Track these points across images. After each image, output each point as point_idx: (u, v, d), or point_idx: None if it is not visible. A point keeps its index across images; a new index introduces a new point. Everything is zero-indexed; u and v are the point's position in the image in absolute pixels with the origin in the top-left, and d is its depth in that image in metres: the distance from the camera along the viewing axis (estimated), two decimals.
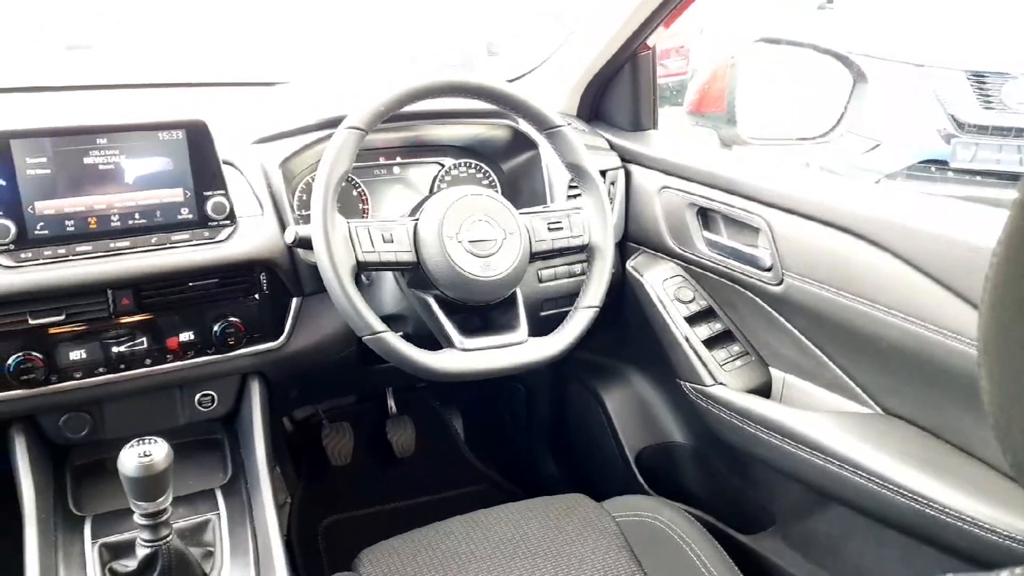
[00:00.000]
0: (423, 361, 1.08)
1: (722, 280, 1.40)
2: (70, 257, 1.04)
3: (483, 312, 1.17)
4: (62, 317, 1.05)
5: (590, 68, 1.58)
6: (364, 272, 1.19)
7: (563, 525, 1.17)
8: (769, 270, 1.27)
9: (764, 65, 1.49)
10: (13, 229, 1.01)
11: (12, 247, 1.02)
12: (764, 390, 1.35)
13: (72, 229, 1.05)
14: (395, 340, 1.07)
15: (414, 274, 1.14)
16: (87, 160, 1.06)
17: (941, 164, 3.85)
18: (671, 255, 1.49)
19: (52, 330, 1.06)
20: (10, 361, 1.03)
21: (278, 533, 1.12)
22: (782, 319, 1.29)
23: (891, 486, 1.04)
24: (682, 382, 1.42)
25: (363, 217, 1.42)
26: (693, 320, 1.42)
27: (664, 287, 1.46)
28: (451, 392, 2.19)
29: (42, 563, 1.01)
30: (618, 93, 1.62)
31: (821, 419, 1.18)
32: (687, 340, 1.40)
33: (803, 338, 1.27)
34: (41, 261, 1.03)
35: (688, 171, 1.42)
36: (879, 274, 1.09)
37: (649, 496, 1.34)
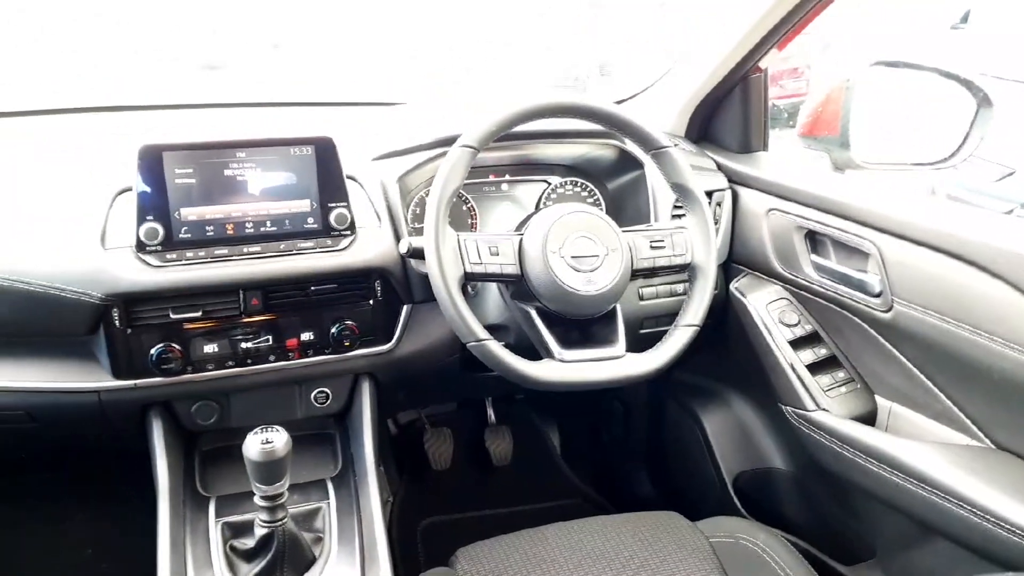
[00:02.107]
0: (522, 369, 1.11)
1: (829, 305, 1.37)
2: (209, 259, 1.15)
3: (583, 326, 1.20)
4: (199, 314, 1.16)
5: (700, 89, 1.60)
6: (470, 283, 1.25)
7: (655, 541, 1.17)
8: (878, 296, 1.25)
9: (881, 88, 1.46)
10: (161, 232, 1.12)
11: (160, 248, 1.13)
12: (869, 418, 1.32)
13: (211, 234, 1.16)
14: (497, 348, 1.11)
15: (517, 286, 1.19)
16: (227, 172, 1.17)
17: None
18: (777, 278, 1.47)
19: (188, 325, 1.16)
20: (153, 351, 1.14)
21: (382, 525, 1.18)
22: (890, 347, 1.26)
23: (1000, 522, 1.00)
24: (783, 406, 1.40)
25: (472, 231, 1.48)
26: (797, 344, 1.40)
27: (768, 310, 1.45)
28: (549, 406, 2.23)
29: (172, 535, 1.11)
30: (728, 115, 1.62)
31: (928, 450, 1.14)
32: (790, 364, 1.38)
33: (912, 367, 1.23)
34: (184, 262, 1.13)
35: (798, 194, 1.41)
36: (995, 304, 1.06)
37: (744, 519, 1.33)
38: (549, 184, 1.55)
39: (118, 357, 1.14)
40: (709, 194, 1.50)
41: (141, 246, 1.12)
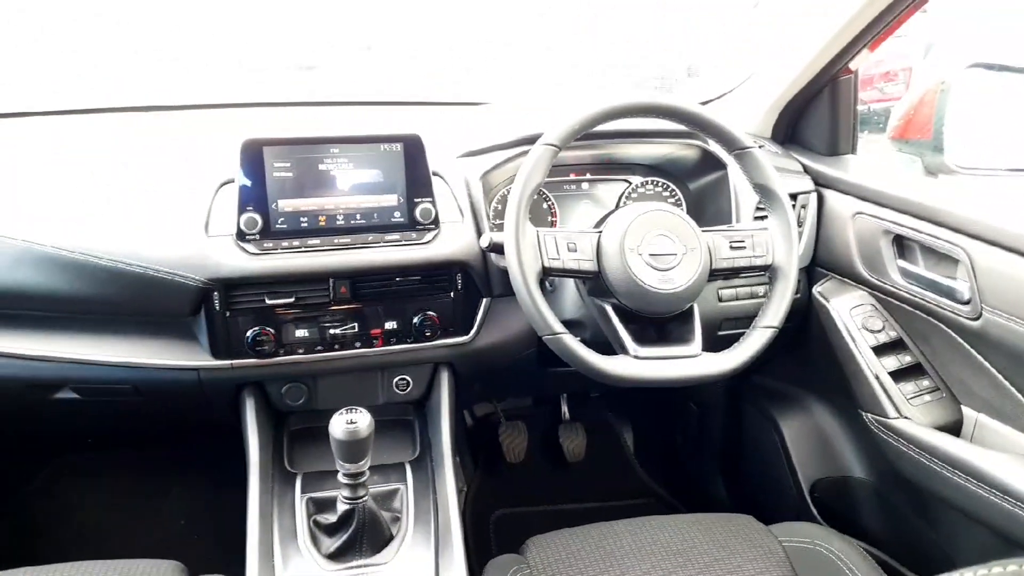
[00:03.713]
0: (597, 364, 1.13)
1: (915, 311, 1.34)
2: (302, 249, 1.21)
3: (659, 324, 1.21)
4: (292, 300, 1.22)
5: (787, 91, 1.58)
6: (548, 278, 1.28)
7: (727, 542, 1.17)
8: (967, 303, 1.21)
9: (978, 91, 1.41)
10: (260, 222, 1.19)
11: (258, 237, 1.20)
12: (954, 428, 1.28)
13: (305, 225, 1.22)
14: (572, 342, 1.13)
15: (594, 282, 1.20)
16: (321, 166, 1.23)
17: None
18: (861, 283, 1.45)
19: (281, 310, 1.23)
20: (248, 334, 1.21)
21: (457, 510, 1.22)
22: (979, 356, 1.23)
23: None
24: (864, 413, 1.37)
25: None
26: (880, 350, 1.37)
27: (852, 315, 1.42)
28: (623, 405, 2.23)
29: (262, 507, 1.18)
30: (816, 117, 1.60)
31: (1015, 462, 1.11)
32: (872, 370, 1.35)
33: (1001, 377, 1.19)
34: (280, 250, 1.20)
35: (886, 197, 1.38)
36: None
37: (819, 525, 1.31)
38: (630, 183, 1.55)
39: (217, 338, 1.21)
40: (793, 196, 1.48)
41: (241, 235, 1.19)
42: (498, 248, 1.17)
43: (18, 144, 1.42)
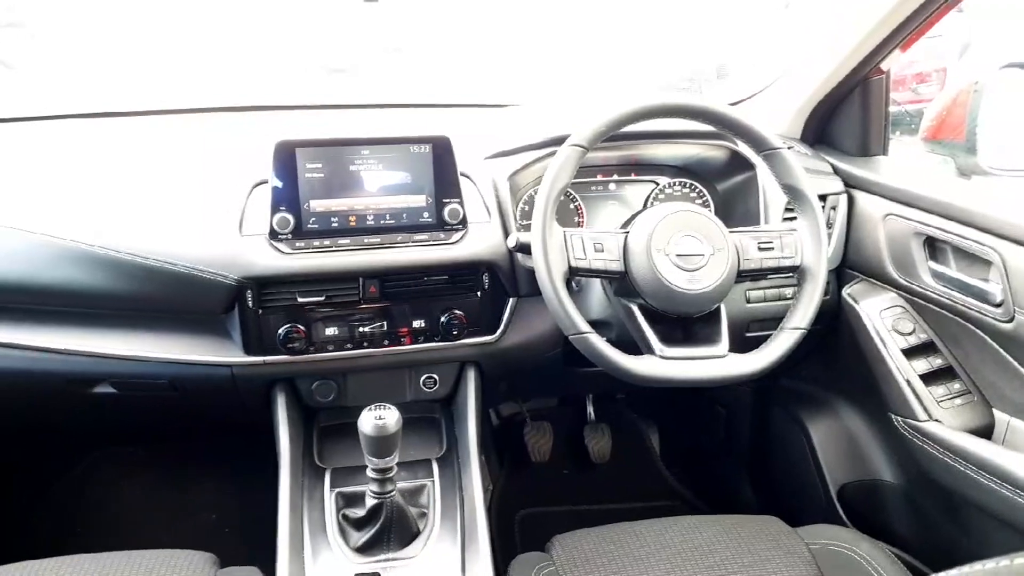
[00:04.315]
0: (623, 363, 1.13)
1: (946, 314, 1.33)
2: (333, 248, 1.23)
3: (685, 324, 1.21)
4: (322, 298, 1.24)
5: (817, 92, 1.57)
6: (575, 278, 1.28)
7: (753, 544, 1.16)
8: (999, 306, 1.20)
9: (1013, 91, 1.39)
10: (292, 221, 1.22)
11: (290, 236, 1.22)
12: (985, 432, 1.27)
13: (336, 224, 1.24)
14: (598, 341, 1.13)
15: (621, 283, 1.21)
16: (352, 167, 1.25)
17: None
18: (892, 284, 1.43)
19: (312, 309, 1.25)
20: (281, 331, 1.23)
21: (483, 506, 1.23)
22: (1011, 359, 1.21)
23: None
24: (893, 416, 1.36)
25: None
26: (911, 353, 1.36)
27: (882, 317, 1.41)
28: (649, 406, 2.23)
29: (292, 501, 1.20)
30: (846, 117, 1.59)
31: None
32: (902, 373, 1.34)
33: None
34: (311, 249, 1.22)
35: (917, 199, 1.37)
36: None
37: (847, 528, 1.30)
38: (657, 184, 1.56)
39: (249, 335, 1.24)
40: (823, 197, 1.47)
41: (274, 234, 1.21)
42: (525, 248, 1.17)
43: (57, 146, 1.46)
